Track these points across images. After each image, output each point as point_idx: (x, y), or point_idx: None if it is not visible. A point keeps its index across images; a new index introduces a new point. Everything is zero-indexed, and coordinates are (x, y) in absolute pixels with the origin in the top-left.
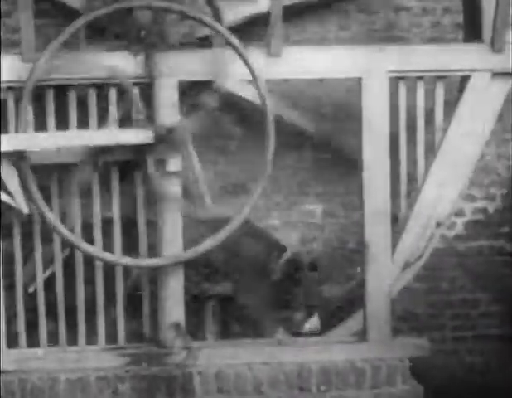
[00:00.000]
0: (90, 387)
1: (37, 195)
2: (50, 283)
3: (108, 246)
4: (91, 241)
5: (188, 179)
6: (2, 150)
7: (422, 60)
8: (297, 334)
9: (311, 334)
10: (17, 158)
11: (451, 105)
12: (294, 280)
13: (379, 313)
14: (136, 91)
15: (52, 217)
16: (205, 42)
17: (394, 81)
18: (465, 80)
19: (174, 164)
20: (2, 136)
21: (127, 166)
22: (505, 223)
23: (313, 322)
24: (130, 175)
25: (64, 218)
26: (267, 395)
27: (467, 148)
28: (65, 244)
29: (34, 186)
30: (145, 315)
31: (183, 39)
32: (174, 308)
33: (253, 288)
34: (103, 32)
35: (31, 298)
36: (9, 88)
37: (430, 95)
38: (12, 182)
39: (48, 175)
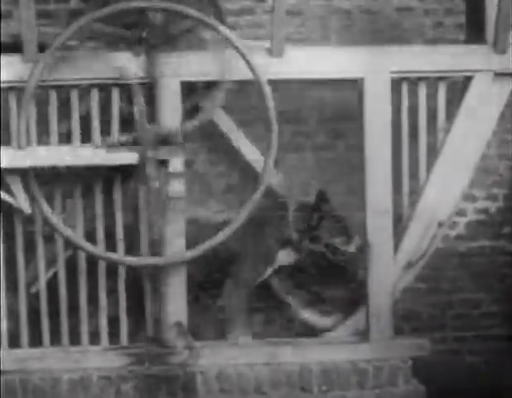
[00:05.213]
0: (92, 387)
1: (39, 195)
2: (52, 283)
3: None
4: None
5: None
6: (3, 166)
7: (424, 60)
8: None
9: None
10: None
11: (453, 106)
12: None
13: (382, 313)
14: (139, 92)
15: (54, 218)
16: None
17: (396, 82)
18: (467, 80)
19: (176, 165)
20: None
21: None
22: (507, 223)
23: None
24: (131, 176)
25: (66, 219)
26: (268, 396)
27: (469, 148)
28: (68, 243)
29: (36, 186)
30: (147, 315)
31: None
32: (176, 307)
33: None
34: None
35: (33, 298)
36: (10, 88)
37: (432, 96)
38: (14, 182)
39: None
